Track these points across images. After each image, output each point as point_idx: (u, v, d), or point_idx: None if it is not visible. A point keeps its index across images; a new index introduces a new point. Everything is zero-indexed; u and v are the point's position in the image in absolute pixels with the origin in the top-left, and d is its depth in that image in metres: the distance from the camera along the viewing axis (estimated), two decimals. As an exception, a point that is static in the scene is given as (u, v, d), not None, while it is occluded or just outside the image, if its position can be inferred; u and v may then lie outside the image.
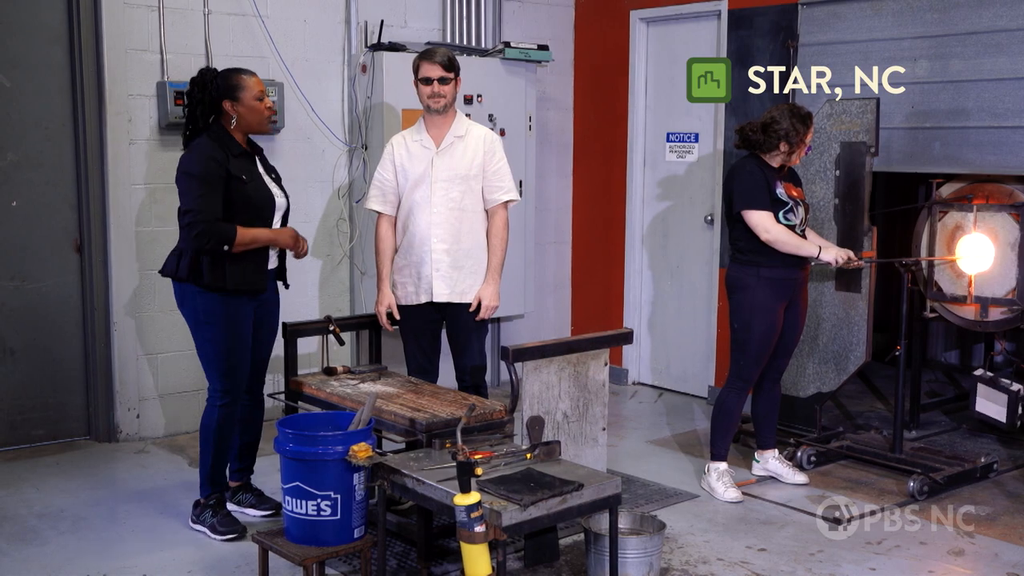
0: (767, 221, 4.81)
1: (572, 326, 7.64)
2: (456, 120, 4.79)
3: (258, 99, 4.39)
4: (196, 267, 4.29)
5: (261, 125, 4.46)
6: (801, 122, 4.82)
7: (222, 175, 4.25)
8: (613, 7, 7.16)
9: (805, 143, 4.90)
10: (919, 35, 5.52)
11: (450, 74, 4.69)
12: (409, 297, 4.82)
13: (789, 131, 4.80)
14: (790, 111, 4.84)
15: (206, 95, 4.33)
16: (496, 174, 4.76)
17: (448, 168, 4.72)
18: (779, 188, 4.88)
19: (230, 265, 4.29)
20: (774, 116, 4.85)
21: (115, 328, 5.67)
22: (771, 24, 6.24)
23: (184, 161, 4.33)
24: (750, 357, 4.95)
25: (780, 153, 4.88)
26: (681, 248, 7.00)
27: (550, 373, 4.17)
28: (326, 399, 4.51)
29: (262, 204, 4.40)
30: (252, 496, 4.73)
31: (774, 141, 4.84)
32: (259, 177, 4.45)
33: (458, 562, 3.54)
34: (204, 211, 4.21)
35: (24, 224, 5.54)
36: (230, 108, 4.35)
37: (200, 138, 4.35)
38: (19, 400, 5.60)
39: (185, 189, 4.28)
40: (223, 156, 4.28)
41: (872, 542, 4.47)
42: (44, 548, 4.34)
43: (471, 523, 3.27)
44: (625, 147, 7.18)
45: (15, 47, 5.45)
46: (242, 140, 4.42)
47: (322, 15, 6.22)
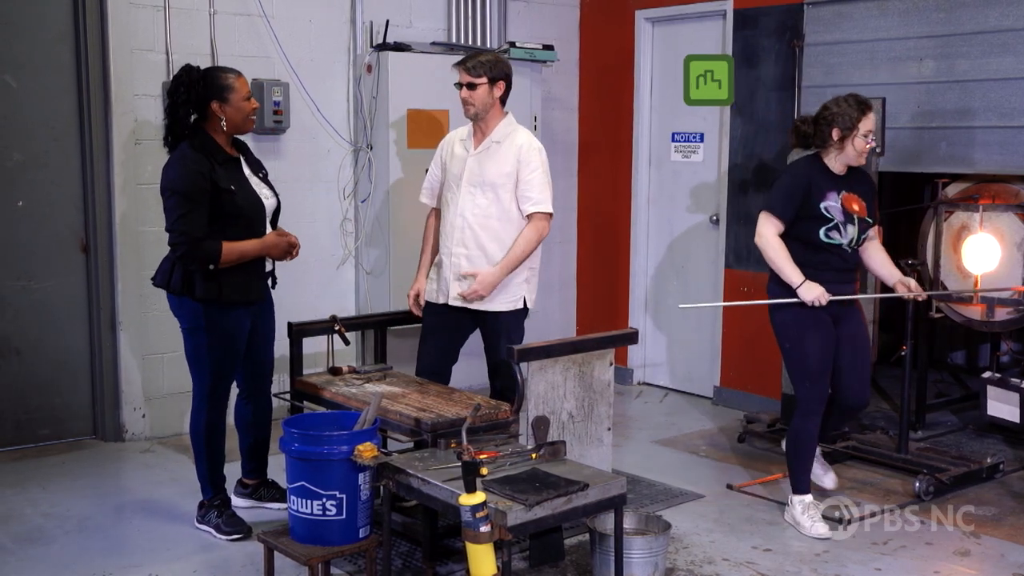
0: (765, 226, 4.50)
1: (577, 326, 7.64)
2: (500, 125, 4.69)
3: (246, 99, 4.29)
4: (188, 280, 4.23)
5: (247, 125, 4.36)
6: (853, 106, 4.39)
7: (207, 189, 4.14)
8: (618, 7, 7.15)
9: (859, 131, 4.39)
10: (925, 35, 5.51)
11: (479, 80, 4.57)
12: (432, 294, 4.82)
13: (838, 115, 4.38)
14: (844, 96, 4.45)
15: (192, 95, 4.20)
16: (527, 184, 4.62)
17: (478, 173, 4.66)
18: (828, 200, 4.45)
19: (224, 278, 4.23)
20: (826, 103, 4.48)
21: (121, 328, 5.68)
22: (777, 24, 6.24)
23: (168, 174, 4.20)
24: (809, 376, 4.55)
25: (834, 146, 4.44)
26: (686, 248, 6.99)
27: (555, 373, 4.17)
28: (331, 399, 4.51)
29: (252, 213, 4.31)
30: (273, 490, 4.74)
31: (825, 130, 4.44)
32: (246, 184, 4.34)
33: (463, 562, 3.53)
34: (187, 231, 4.12)
35: (30, 224, 5.54)
36: (218, 109, 4.23)
37: (183, 147, 4.21)
38: (25, 400, 5.60)
39: (169, 207, 4.18)
40: (208, 167, 4.17)
41: (878, 542, 4.46)
42: (50, 548, 4.35)
43: (476, 523, 3.26)
44: (630, 147, 7.17)
45: (21, 48, 5.45)
46: (226, 143, 4.32)
47: (327, 15, 6.22)
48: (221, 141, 4.29)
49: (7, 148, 5.46)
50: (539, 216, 4.67)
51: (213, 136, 4.27)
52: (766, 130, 6.36)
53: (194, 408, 4.46)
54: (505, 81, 4.66)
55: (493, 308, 4.70)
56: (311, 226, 6.11)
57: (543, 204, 4.66)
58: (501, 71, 4.64)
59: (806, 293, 4.41)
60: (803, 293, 4.42)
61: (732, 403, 6.63)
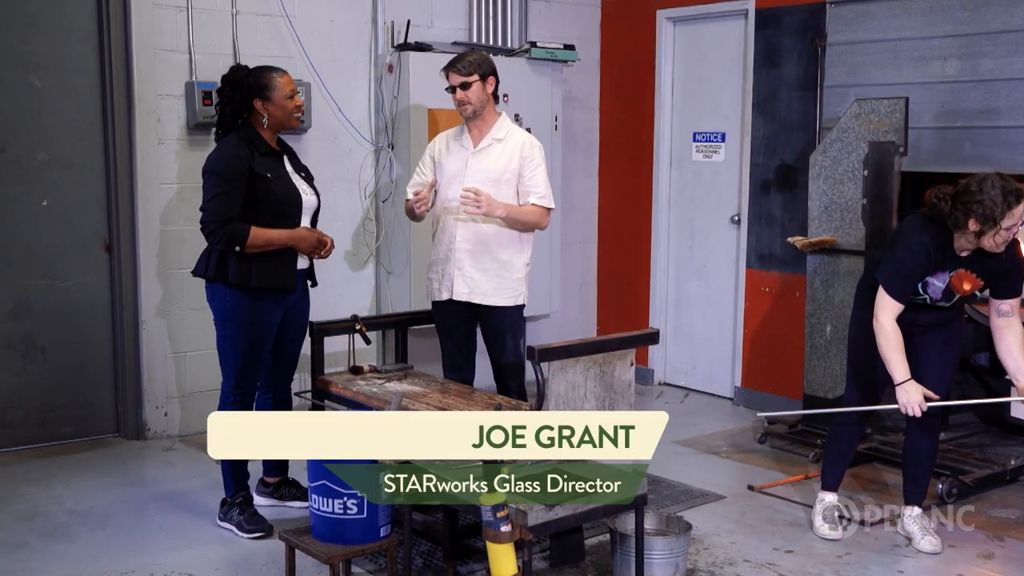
0: (884, 313, 4.09)
1: (598, 326, 7.63)
2: (498, 123, 4.74)
3: (288, 97, 4.40)
4: (223, 265, 4.31)
5: (290, 123, 4.47)
6: (999, 198, 3.85)
7: (244, 173, 4.26)
8: (639, 6, 7.14)
9: (1001, 227, 3.89)
10: (949, 34, 5.47)
11: (471, 78, 4.61)
12: (434, 293, 4.83)
13: (980, 205, 3.86)
14: (992, 179, 3.91)
15: (236, 94, 4.34)
16: (531, 180, 4.67)
17: (481, 169, 4.68)
18: (937, 280, 4.11)
19: (256, 264, 4.31)
20: (970, 184, 3.93)
21: (143, 326, 5.71)
22: (799, 23, 6.21)
23: (210, 158, 4.36)
24: (855, 385, 4.45)
25: (967, 234, 3.97)
26: (707, 248, 6.97)
27: (576, 373, 4.16)
28: (352, 398, 4.52)
29: (288, 202, 4.40)
30: (294, 489, 4.76)
31: (961, 217, 3.95)
32: (286, 175, 4.45)
33: (484, 561, 3.54)
34: (218, 210, 4.23)
35: (54, 223, 5.59)
36: (260, 107, 4.36)
37: (228, 136, 4.37)
38: (49, 398, 5.65)
39: (206, 187, 4.32)
40: (248, 153, 4.30)
41: (900, 544, 4.44)
42: (74, 544, 4.38)
43: (497, 523, 3.27)
44: (651, 147, 7.16)
45: (46, 48, 5.50)
46: (271, 139, 4.43)
47: (349, 15, 6.23)
48: (265, 136, 4.40)
49: (32, 148, 5.50)
50: (544, 210, 4.72)
51: (258, 130, 4.39)
52: (788, 130, 6.34)
53: (221, 402, 4.50)
54: (494, 76, 4.71)
55: (492, 302, 4.72)
56: (332, 225, 6.09)
57: (548, 199, 4.73)
58: (489, 67, 4.69)
59: (903, 395, 4.05)
60: (900, 393, 4.06)
61: (753, 404, 6.61)
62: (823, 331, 5.62)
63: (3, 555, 4.24)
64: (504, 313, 4.75)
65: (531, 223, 4.71)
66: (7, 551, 4.29)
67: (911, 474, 4.49)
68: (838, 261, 5.54)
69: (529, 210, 4.67)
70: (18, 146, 5.46)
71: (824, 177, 5.56)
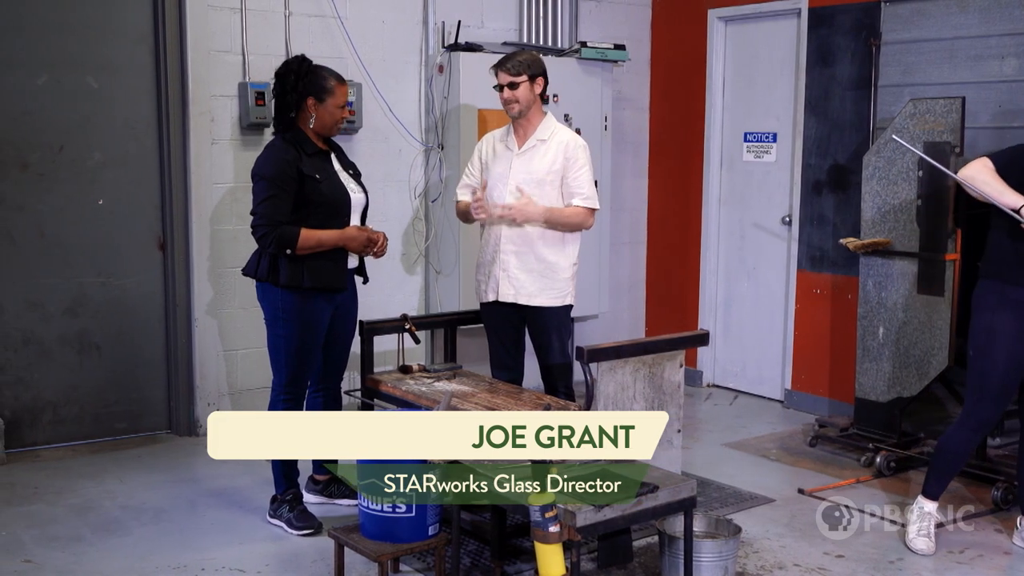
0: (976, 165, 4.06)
1: (646, 327, 7.60)
2: (543, 123, 4.73)
3: (340, 107, 4.41)
4: (274, 266, 4.35)
5: (332, 131, 4.47)
6: None
7: (293, 177, 4.27)
8: (691, 6, 7.10)
9: None
10: (1007, 32, 5.38)
11: (520, 78, 4.61)
12: (481, 294, 4.84)
13: None
14: None
15: (297, 84, 4.33)
16: (575, 181, 4.66)
17: (525, 171, 4.69)
18: None
19: (307, 264, 4.33)
20: None
21: (196, 325, 5.78)
22: (853, 22, 6.14)
23: (258, 162, 4.38)
24: (985, 392, 4.22)
25: None
26: (758, 249, 6.92)
27: (625, 374, 4.15)
28: (402, 397, 4.55)
29: (338, 202, 4.42)
30: (344, 487, 4.79)
31: None
32: (334, 175, 4.46)
33: (532, 562, 3.53)
34: (268, 215, 4.25)
35: (110, 222, 5.67)
36: (312, 106, 4.36)
37: (276, 138, 4.39)
38: (103, 394, 5.73)
39: (256, 191, 4.33)
40: (295, 155, 4.31)
41: (954, 551, 4.37)
42: (127, 539, 4.44)
43: (545, 523, 3.26)
44: (702, 147, 7.12)
45: (102, 50, 5.58)
46: (316, 138, 4.44)
47: (400, 16, 6.26)
48: (311, 136, 4.41)
49: (88, 148, 5.59)
50: (588, 210, 4.70)
51: (304, 130, 4.40)
52: (841, 130, 6.27)
53: (272, 400, 4.54)
54: (543, 77, 4.70)
55: (537, 303, 4.72)
56: (382, 225, 6.11)
57: (592, 200, 4.71)
58: (539, 68, 4.68)
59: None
60: None
61: (803, 406, 6.55)
62: (875, 334, 5.55)
63: (59, 548, 4.32)
64: (550, 313, 4.74)
65: (574, 224, 4.70)
66: (63, 544, 4.36)
67: (939, 465, 4.38)
68: (891, 263, 5.47)
69: (572, 212, 4.66)
70: (74, 146, 5.55)
71: (878, 178, 5.49)
